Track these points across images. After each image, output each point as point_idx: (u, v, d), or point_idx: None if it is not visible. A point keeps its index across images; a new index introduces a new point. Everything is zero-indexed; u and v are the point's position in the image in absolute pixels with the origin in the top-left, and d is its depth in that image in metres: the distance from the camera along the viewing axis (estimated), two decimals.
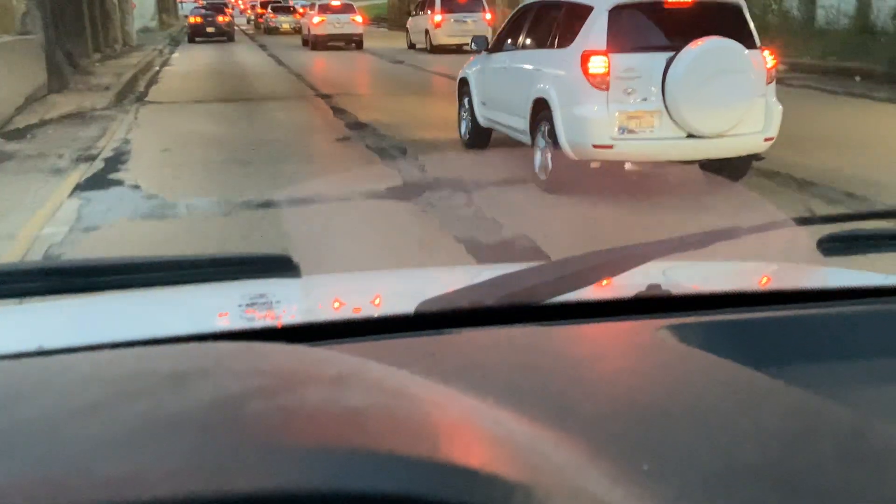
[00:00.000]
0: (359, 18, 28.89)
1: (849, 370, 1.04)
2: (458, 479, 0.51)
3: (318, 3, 29.17)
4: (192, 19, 33.91)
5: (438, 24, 24.69)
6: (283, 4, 41.08)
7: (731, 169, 7.21)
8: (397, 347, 1.00)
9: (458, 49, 22.44)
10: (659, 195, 6.92)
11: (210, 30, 32.52)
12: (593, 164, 6.92)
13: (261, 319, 1.31)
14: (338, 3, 28.80)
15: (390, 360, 0.77)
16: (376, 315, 1.19)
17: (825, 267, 1.58)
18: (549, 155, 7.08)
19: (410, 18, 28.30)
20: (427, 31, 25.41)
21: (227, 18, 33.83)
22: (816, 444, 0.75)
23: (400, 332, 1.05)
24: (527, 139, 7.57)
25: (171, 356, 0.70)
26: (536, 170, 7.30)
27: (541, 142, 7.23)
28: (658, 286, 1.25)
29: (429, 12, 25.45)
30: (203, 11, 34.24)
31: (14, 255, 5.46)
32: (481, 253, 5.24)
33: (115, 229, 6.20)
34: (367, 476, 0.50)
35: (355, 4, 29.63)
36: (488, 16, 24.63)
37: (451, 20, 24.47)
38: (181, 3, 54.62)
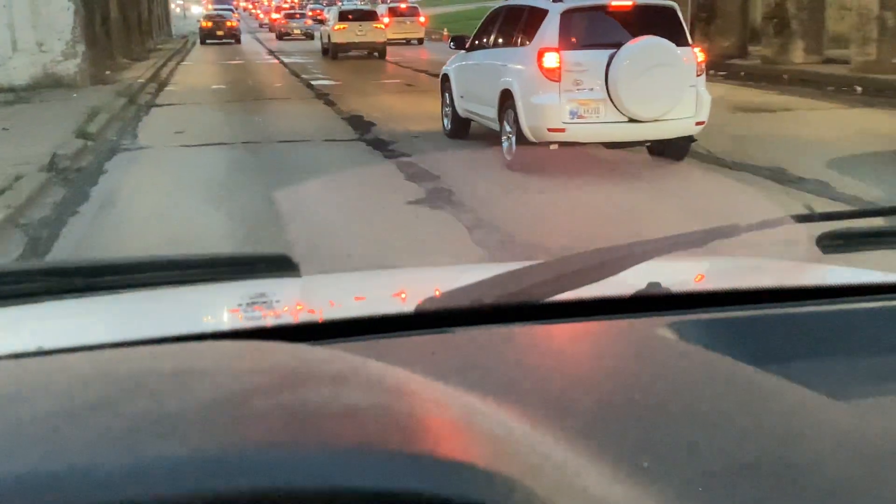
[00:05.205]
0: (382, 26, 27.88)
1: (848, 367, 1.03)
2: (458, 477, 0.52)
3: (339, 10, 29.19)
4: (203, 23, 38.60)
5: (387, 25, 31.54)
6: (295, 12, 45.18)
7: (672, 151, 8.50)
8: (397, 346, 0.99)
9: (406, 42, 32.90)
10: (598, 173, 8.13)
11: (220, 33, 36.97)
12: (552, 147, 8.15)
13: (261, 319, 1.30)
14: (361, 11, 28.53)
15: (390, 358, 0.77)
16: (376, 314, 1.18)
17: (824, 264, 1.55)
18: (513, 139, 8.34)
19: None
20: None
21: (234, 24, 38.07)
22: (816, 441, 0.74)
23: (400, 331, 1.04)
24: (496, 126, 8.81)
25: (171, 356, 0.70)
26: (504, 152, 8.54)
27: (507, 127, 8.48)
28: (657, 284, 1.25)
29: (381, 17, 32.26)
30: (213, 18, 38.83)
31: None
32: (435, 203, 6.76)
33: None
34: (366, 474, 0.51)
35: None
36: (422, 19, 34.28)
37: (395, 22, 33.32)
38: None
